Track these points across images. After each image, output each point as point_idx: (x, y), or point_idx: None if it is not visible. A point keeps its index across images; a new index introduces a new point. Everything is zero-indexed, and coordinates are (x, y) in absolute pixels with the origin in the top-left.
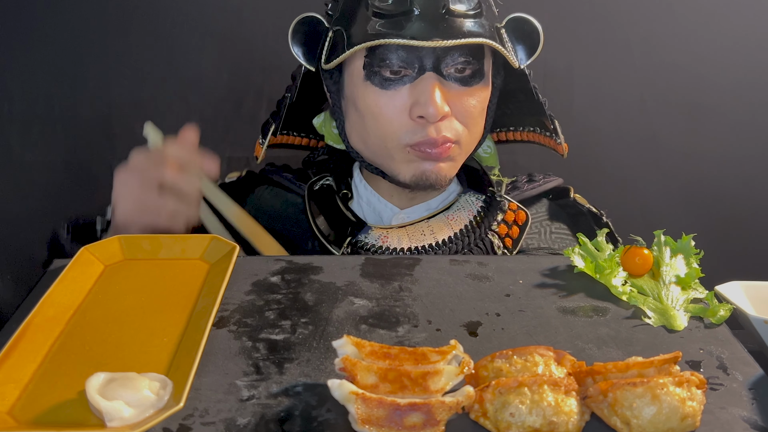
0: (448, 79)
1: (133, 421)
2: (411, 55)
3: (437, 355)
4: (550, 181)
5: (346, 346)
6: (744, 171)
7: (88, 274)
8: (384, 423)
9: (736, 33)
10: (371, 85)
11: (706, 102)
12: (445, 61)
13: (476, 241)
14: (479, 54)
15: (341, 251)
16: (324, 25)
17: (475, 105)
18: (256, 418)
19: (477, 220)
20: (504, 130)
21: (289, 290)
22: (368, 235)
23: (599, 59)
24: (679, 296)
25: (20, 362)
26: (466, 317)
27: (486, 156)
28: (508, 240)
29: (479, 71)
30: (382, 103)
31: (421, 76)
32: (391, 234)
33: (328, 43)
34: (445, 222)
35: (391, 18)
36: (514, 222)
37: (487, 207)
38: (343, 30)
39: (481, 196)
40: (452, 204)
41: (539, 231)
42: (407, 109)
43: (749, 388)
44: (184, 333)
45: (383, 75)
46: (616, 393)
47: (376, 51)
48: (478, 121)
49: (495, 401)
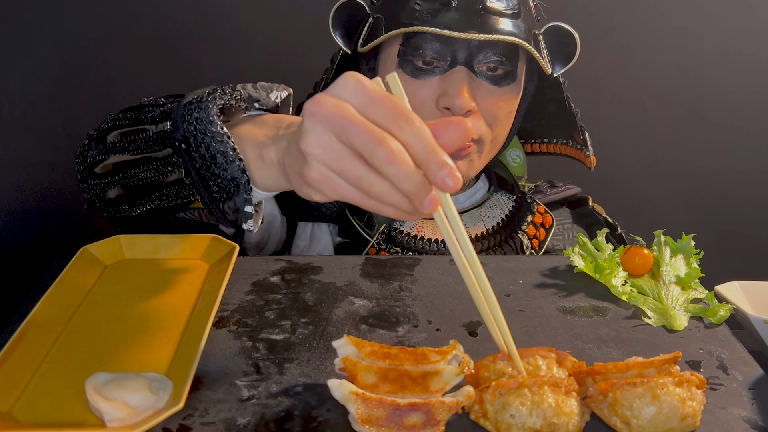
0: (479, 75)
1: (133, 421)
2: (444, 47)
3: (437, 355)
4: (571, 189)
5: (346, 346)
6: (744, 171)
7: (88, 274)
8: (384, 423)
9: (736, 33)
10: (403, 73)
11: (706, 103)
12: (478, 58)
13: (506, 239)
14: (513, 55)
15: (375, 237)
16: (365, 11)
17: (502, 106)
18: (256, 418)
19: (508, 219)
20: (537, 141)
21: (289, 290)
22: (404, 224)
23: (599, 59)
24: (679, 296)
25: (20, 362)
26: (466, 317)
27: (515, 165)
28: (535, 241)
29: (511, 73)
30: (411, 92)
31: (453, 68)
32: (426, 224)
33: (367, 28)
34: (478, 218)
35: (429, 8)
36: (542, 224)
37: (518, 207)
38: (383, 16)
39: (511, 196)
40: (484, 201)
41: (563, 233)
42: (434, 99)
43: (749, 388)
44: (184, 333)
45: (416, 64)
46: (616, 393)
47: (411, 39)
48: (504, 124)
49: (495, 402)
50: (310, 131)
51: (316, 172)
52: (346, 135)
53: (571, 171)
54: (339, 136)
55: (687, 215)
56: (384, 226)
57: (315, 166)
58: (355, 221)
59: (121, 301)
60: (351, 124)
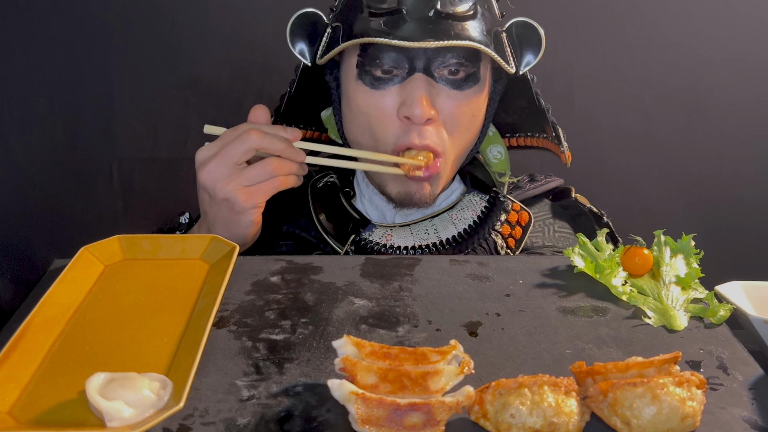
0: (439, 81)
1: (133, 421)
2: (401, 55)
3: (437, 355)
4: (552, 181)
5: (346, 346)
6: (744, 171)
7: (88, 274)
8: (384, 423)
9: (736, 34)
10: (362, 84)
11: (706, 103)
12: (436, 63)
13: (480, 240)
14: (474, 57)
15: (345, 249)
16: (324, 21)
17: (464, 111)
18: (256, 418)
19: (481, 220)
20: (522, 135)
21: (289, 290)
22: (372, 233)
23: (599, 59)
24: (679, 296)
25: (20, 362)
26: (466, 317)
27: (496, 162)
28: (511, 240)
29: (474, 75)
30: (372, 103)
31: (411, 76)
32: (395, 232)
33: (326, 39)
34: (449, 221)
35: (382, 17)
36: (517, 222)
37: (491, 207)
38: (341, 26)
39: (484, 196)
40: (456, 203)
41: (543, 230)
42: (395, 109)
43: (749, 388)
44: (184, 333)
45: (374, 74)
46: (616, 393)
47: (368, 50)
48: (468, 129)
49: (495, 402)
50: (206, 183)
51: (240, 196)
52: (225, 160)
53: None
54: (223, 164)
55: (687, 215)
56: (353, 237)
57: (232, 194)
58: (326, 235)
59: (121, 301)
60: (224, 153)
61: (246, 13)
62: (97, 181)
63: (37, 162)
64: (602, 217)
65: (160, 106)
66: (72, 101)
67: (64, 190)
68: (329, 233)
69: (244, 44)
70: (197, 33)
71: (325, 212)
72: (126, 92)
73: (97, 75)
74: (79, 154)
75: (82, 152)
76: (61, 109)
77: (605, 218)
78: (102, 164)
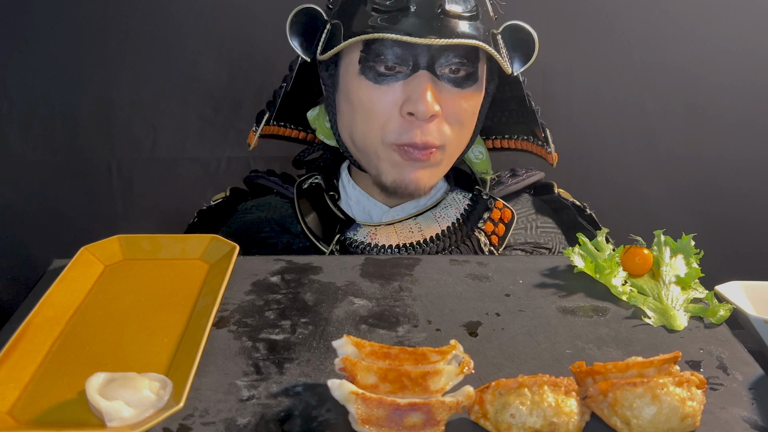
0: (441, 79)
1: (133, 421)
2: (406, 52)
3: (437, 355)
4: (533, 175)
5: (346, 346)
6: (744, 171)
7: (88, 274)
8: (384, 423)
9: (736, 33)
10: (365, 80)
11: (706, 102)
12: (440, 61)
13: (463, 238)
14: (474, 57)
15: (330, 249)
16: (323, 17)
17: (466, 108)
18: (256, 418)
19: (464, 218)
20: (498, 137)
21: (289, 290)
22: (357, 233)
23: (599, 59)
24: (679, 296)
25: (20, 362)
26: (466, 317)
27: (478, 162)
28: (494, 237)
29: (473, 74)
30: (374, 98)
31: (415, 73)
32: (379, 231)
33: (325, 35)
34: (433, 219)
35: (388, 14)
36: (500, 220)
37: (474, 205)
38: (341, 23)
39: (468, 194)
40: (440, 202)
41: (525, 226)
42: (398, 105)
43: (749, 388)
44: (184, 333)
45: (377, 70)
46: (616, 393)
47: (372, 46)
48: (468, 126)
49: (495, 402)
50: None
51: None
52: None
53: (572, 170)
54: None
55: (687, 215)
56: (338, 237)
57: None
58: (311, 235)
59: (121, 301)
60: None
61: (245, 13)
62: (97, 181)
63: (36, 162)
64: (585, 209)
65: (159, 106)
66: (71, 101)
67: (63, 190)
68: (314, 233)
69: (243, 44)
70: (196, 33)
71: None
72: (125, 92)
73: (97, 75)
74: (79, 154)
75: (82, 152)
76: (60, 109)
77: (587, 210)
78: (101, 164)
